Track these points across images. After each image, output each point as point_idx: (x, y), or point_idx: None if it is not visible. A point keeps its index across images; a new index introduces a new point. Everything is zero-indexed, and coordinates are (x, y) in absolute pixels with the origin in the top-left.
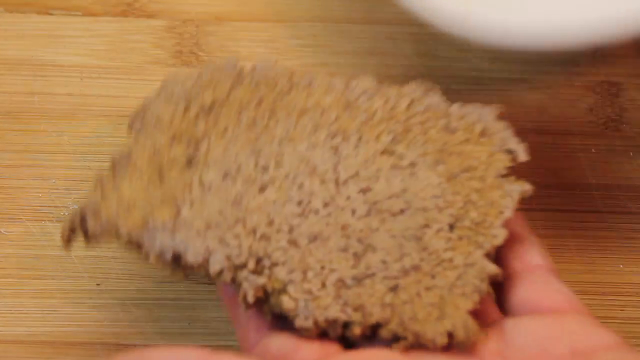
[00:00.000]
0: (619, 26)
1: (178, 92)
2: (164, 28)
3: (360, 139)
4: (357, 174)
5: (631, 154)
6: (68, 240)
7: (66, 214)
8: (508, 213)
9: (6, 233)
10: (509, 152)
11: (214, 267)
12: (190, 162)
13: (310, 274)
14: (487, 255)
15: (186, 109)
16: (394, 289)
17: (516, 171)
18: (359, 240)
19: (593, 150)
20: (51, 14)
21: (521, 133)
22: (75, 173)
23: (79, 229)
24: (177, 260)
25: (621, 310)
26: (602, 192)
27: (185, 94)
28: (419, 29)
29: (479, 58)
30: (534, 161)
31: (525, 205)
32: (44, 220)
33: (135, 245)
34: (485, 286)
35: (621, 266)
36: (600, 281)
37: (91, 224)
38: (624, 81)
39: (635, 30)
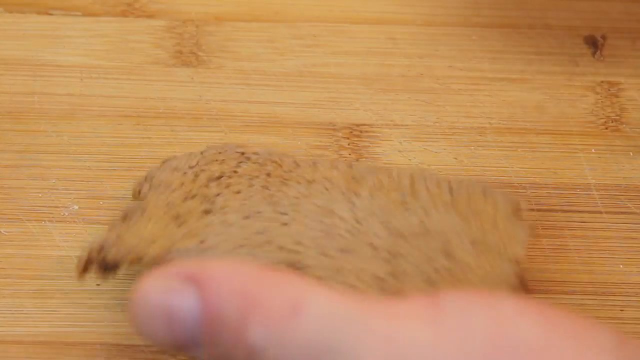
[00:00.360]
0: None
1: (183, 165)
2: (164, 28)
3: (372, 196)
4: (374, 214)
5: (631, 154)
6: (84, 270)
7: (66, 214)
8: (523, 237)
9: (6, 233)
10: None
11: None
12: (207, 212)
13: (344, 272)
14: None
15: (195, 177)
16: (430, 282)
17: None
18: (388, 252)
19: (593, 150)
20: (51, 14)
21: (521, 133)
22: (75, 173)
23: (96, 260)
24: None
25: (621, 310)
26: (601, 192)
27: (190, 167)
28: (419, 29)
29: (479, 58)
30: (533, 161)
31: (525, 206)
32: (44, 221)
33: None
34: (517, 277)
35: (621, 266)
36: (600, 281)
37: (111, 253)
38: (624, 81)
39: None
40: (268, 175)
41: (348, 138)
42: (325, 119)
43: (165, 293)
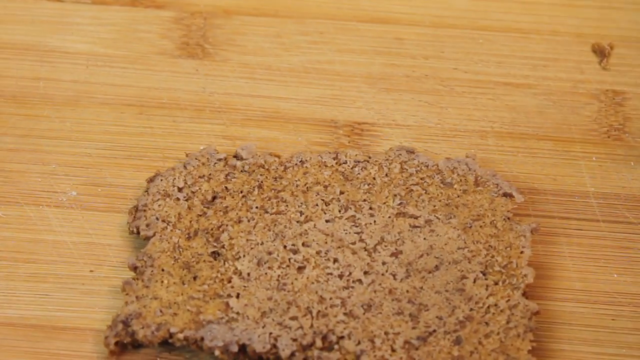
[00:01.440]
0: None
1: (171, 188)
2: (172, 19)
3: (371, 207)
4: (383, 240)
5: (632, 163)
6: (114, 351)
7: (64, 200)
8: (528, 252)
9: (3, 216)
10: (506, 195)
11: (285, 353)
12: (216, 254)
13: (378, 342)
14: (524, 295)
15: (190, 206)
16: (457, 342)
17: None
18: (410, 302)
19: (594, 158)
20: (62, 1)
21: (522, 138)
22: (75, 160)
23: (124, 337)
24: (243, 350)
25: (612, 320)
26: (600, 200)
27: (179, 185)
28: (426, 30)
29: (484, 62)
30: (534, 167)
31: (522, 211)
32: (42, 205)
33: (193, 343)
34: (533, 323)
35: (615, 275)
36: (593, 290)
37: (138, 329)
38: (628, 90)
39: None
40: (260, 187)
41: (349, 136)
42: (327, 115)
43: None
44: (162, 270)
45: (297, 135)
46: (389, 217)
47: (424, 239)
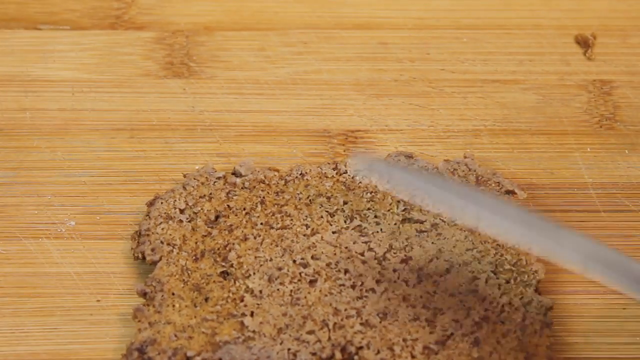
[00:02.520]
0: None
1: (172, 210)
2: (154, 40)
3: (376, 215)
4: (391, 247)
5: (626, 151)
6: None
7: (63, 230)
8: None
9: (3, 251)
10: (509, 192)
11: None
12: (225, 274)
13: (397, 349)
14: (537, 291)
15: (194, 227)
16: (476, 343)
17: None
18: (425, 307)
19: (588, 149)
20: (39, 29)
21: (516, 134)
22: (70, 189)
23: None
24: None
25: (623, 309)
26: (599, 190)
27: (180, 207)
28: (410, 33)
29: (470, 60)
30: (530, 162)
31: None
32: (41, 238)
33: None
34: (549, 319)
35: None
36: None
37: (155, 356)
38: (615, 79)
39: None
40: (262, 202)
41: (343, 144)
42: (320, 126)
43: None
44: (173, 294)
45: (292, 147)
46: (395, 224)
47: (432, 243)
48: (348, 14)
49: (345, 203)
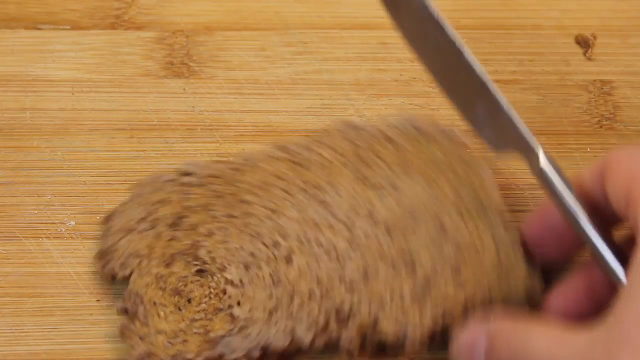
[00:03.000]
0: None
1: (133, 223)
2: (154, 39)
3: (334, 186)
4: (357, 213)
5: None
6: None
7: (63, 230)
8: (489, 176)
9: (3, 251)
10: (453, 140)
11: (305, 340)
12: (201, 272)
13: (387, 299)
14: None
15: (156, 235)
16: (456, 271)
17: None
18: (402, 260)
19: (588, 149)
20: (40, 29)
21: None
22: (70, 189)
23: None
24: (264, 350)
25: None
26: None
27: (138, 217)
28: None
29: None
30: None
31: (523, 207)
32: (41, 237)
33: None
34: (521, 247)
35: None
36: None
37: None
38: (615, 79)
39: None
40: (219, 196)
41: None
42: (320, 126)
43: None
44: (154, 303)
45: None
46: (354, 190)
47: (393, 199)
48: (348, 14)
49: (302, 181)
